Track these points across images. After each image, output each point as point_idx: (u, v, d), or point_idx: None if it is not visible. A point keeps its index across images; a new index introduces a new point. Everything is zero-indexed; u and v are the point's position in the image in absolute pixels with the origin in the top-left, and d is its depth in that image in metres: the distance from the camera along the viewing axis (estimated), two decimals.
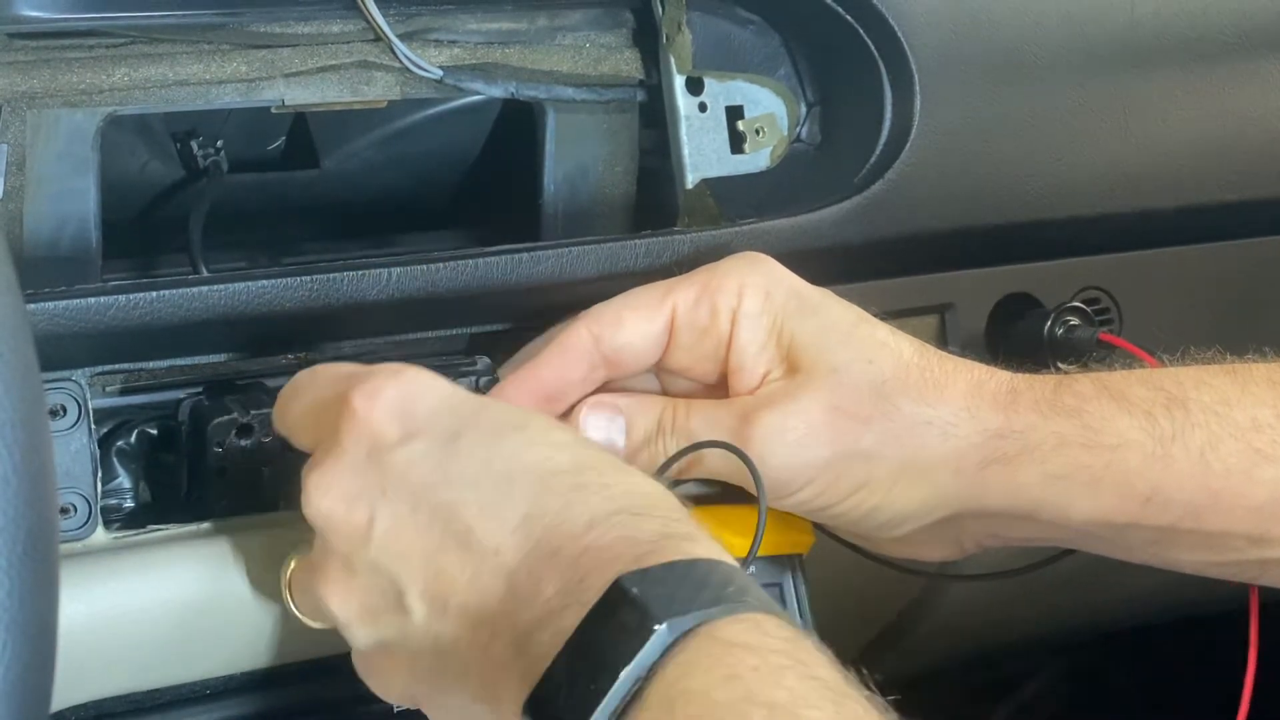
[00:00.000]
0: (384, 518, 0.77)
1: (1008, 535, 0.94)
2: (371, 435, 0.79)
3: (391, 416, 0.79)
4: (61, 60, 0.92)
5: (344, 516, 0.78)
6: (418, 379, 0.80)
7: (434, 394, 0.80)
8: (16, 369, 0.60)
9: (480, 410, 0.80)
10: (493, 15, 1.02)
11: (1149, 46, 1.14)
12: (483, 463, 0.77)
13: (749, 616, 0.70)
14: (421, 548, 0.77)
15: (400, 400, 0.79)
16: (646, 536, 0.73)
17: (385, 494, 0.78)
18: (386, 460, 0.78)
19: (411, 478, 0.77)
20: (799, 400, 0.89)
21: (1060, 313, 1.11)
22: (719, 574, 0.71)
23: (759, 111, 1.07)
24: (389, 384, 0.80)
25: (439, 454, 0.78)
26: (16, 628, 0.58)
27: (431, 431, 0.78)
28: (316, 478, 0.80)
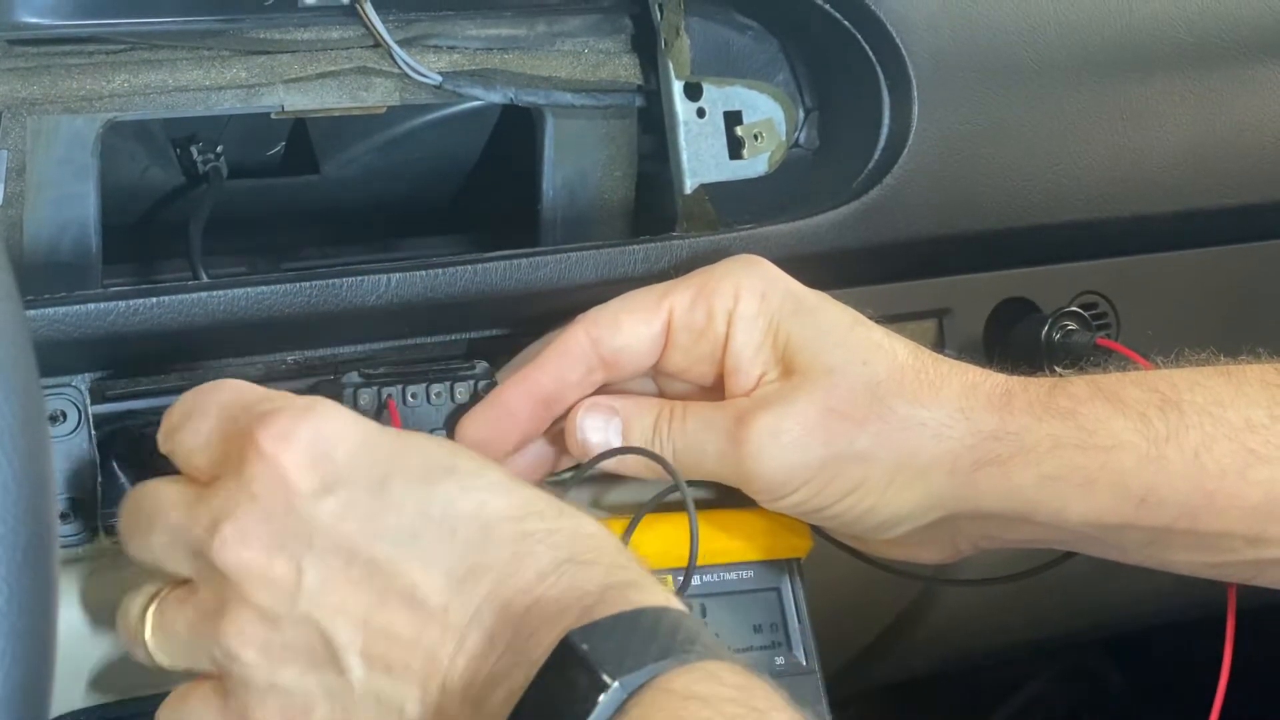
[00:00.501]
0: (313, 571, 0.74)
1: (1003, 537, 0.94)
2: (286, 483, 0.75)
3: (307, 463, 0.75)
4: (62, 66, 0.93)
5: (264, 568, 0.75)
6: (331, 419, 0.77)
7: (350, 437, 0.76)
8: (16, 375, 0.60)
9: (403, 452, 0.76)
10: (492, 21, 1.02)
11: (1146, 52, 1.14)
12: (418, 512, 0.75)
13: (700, 666, 0.69)
14: (359, 604, 0.74)
15: (314, 444, 0.76)
16: (593, 587, 0.72)
17: (312, 547, 0.74)
18: (309, 512, 0.75)
19: (341, 531, 0.74)
20: (794, 402, 0.89)
21: (1058, 318, 1.11)
22: (667, 622, 0.71)
23: (757, 117, 1.07)
24: (300, 425, 0.76)
25: (368, 504, 0.75)
26: (15, 635, 0.58)
27: (354, 479, 0.75)
28: (231, 527, 0.75)
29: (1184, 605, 1.27)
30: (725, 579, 0.94)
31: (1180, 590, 0.98)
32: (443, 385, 0.94)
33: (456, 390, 0.94)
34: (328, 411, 0.77)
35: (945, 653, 1.36)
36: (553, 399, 0.92)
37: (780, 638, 0.94)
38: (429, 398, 0.94)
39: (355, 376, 0.93)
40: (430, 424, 0.94)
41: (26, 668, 0.58)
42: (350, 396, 0.93)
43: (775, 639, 0.94)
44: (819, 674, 0.94)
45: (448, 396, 0.94)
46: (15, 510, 0.59)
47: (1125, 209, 1.14)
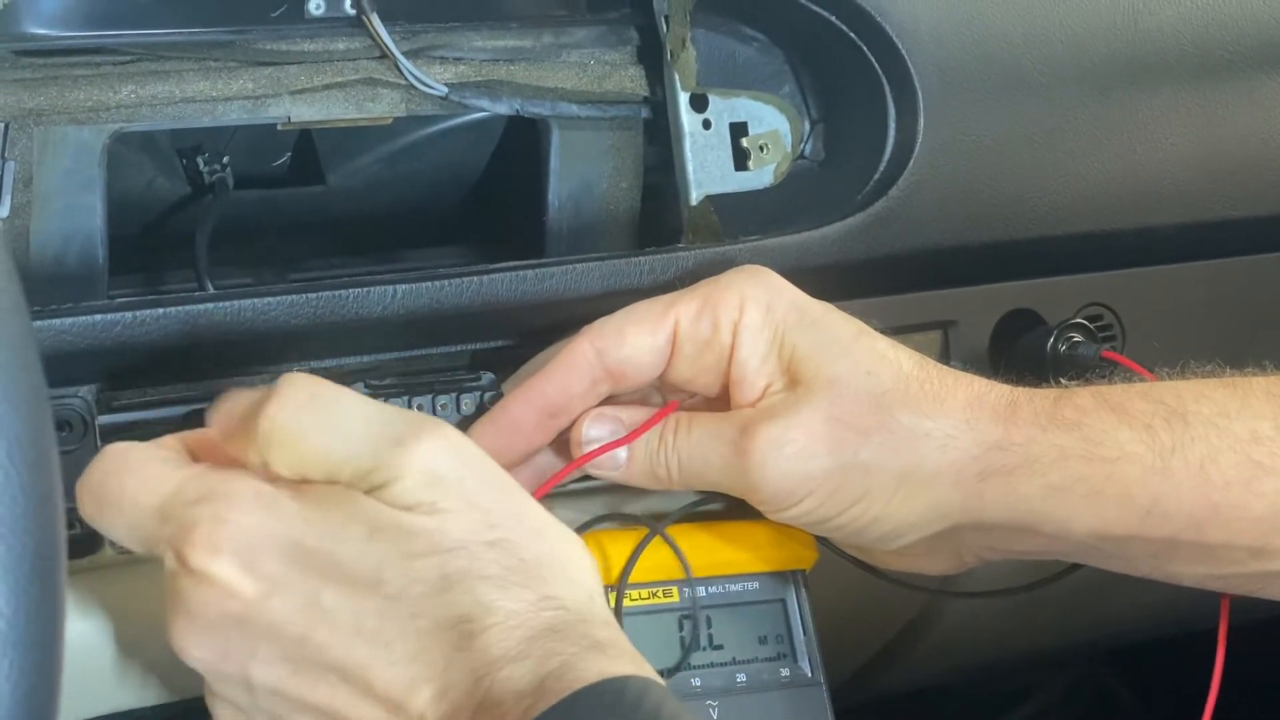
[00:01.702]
0: (262, 677, 0.76)
1: (1008, 548, 0.94)
2: (220, 594, 0.75)
3: (237, 572, 0.75)
4: (68, 77, 0.93)
5: (218, 669, 0.77)
6: (250, 517, 0.76)
7: (275, 544, 0.76)
8: (23, 386, 0.60)
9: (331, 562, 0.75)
10: (498, 32, 1.02)
11: (1152, 64, 1.14)
12: (352, 629, 0.74)
13: None
14: (315, 704, 0.75)
15: (241, 554, 0.75)
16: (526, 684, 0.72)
17: (256, 656, 0.76)
18: (246, 624, 0.75)
19: (281, 642, 0.75)
20: (799, 412, 0.89)
21: (1063, 329, 1.11)
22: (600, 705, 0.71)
23: (763, 128, 1.07)
24: (222, 535, 0.75)
25: (303, 619, 0.75)
26: (23, 645, 0.58)
27: (287, 589, 0.75)
28: (176, 633, 0.77)
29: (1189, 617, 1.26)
30: (730, 590, 0.94)
31: (1185, 602, 0.98)
32: (448, 396, 0.94)
33: (462, 401, 0.95)
34: (245, 510, 0.76)
35: (950, 664, 1.36)
36: (558, 410, 0.92)
37: (785, 649, 0.94)
38: (435, 409, 0.94)
39: (362, 388, 0.94)
40: None
41: (34, 678, 0.58)
42: None
43: (780, 650, 0.94)
44: (824, 685, 0.94)
45: (454, 408, 0.94)
46: (23, 521, 0.59)
47: (1131, 221, 1.14)
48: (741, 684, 0.93)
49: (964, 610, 1.20)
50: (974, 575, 0.99)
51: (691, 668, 0.92)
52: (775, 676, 0.93)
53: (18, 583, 0.58)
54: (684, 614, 0.93)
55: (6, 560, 0.58)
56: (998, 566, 0.97)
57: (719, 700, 0.92)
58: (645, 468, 0.92)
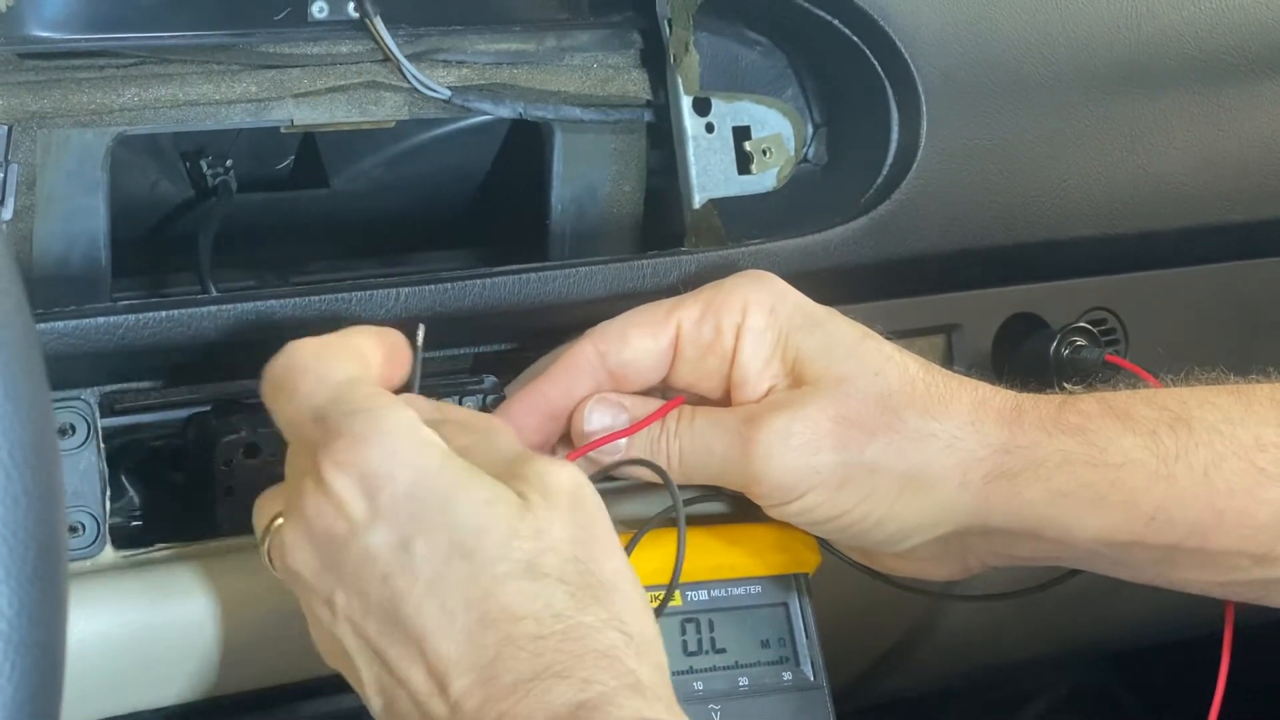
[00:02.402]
0: (344, 603, 0.78)
1: (1012, 554, 0.94)
2: (333, 510, 0.78)
3: (356, 494, 0.77)
4: (72, 80, 0.93)
5: (309, 585, 0.79)
6: (389, 451, 0.78)
7: (401, 477, 0.77)
8: (26, 389, 0.60)
9: (443, 509, 0.77)
10: (501, 36, 1.02)
11: (1155, 68, 1.14)
12: (428, 586, 0.76)
13: None
14: (378, 647, 0.77)
15: (366, 479, 0.77)
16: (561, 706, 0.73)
17: (342, 581, 0.78)
18: (345, 547, 0.78)
19: (364, 579, 0.77)
20: (805, 407, 0.89)
21: (1066, 333, 1.11)
22: None
23: (766, 132, 1.07)
24: (359, 454, 0.77)
25: (392, 559, 0.77)
26: (25, 648, 0.58)
27: (389, 525, 0.77)
28: (286, 537, 0.80)
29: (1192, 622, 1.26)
30: (733, 594, 0.94)
31: (1189, 607, 0.97)
32: (451, 399, 0.94)
33: (465, 404, 0.95)
34: (387, 441, 0.78)
35: (953, 668, 1.36)
36: (561, 413, 0.92)
37: (788, 653, 0.94)
38: None
39: None
40: None
41: (36, 680, 0.59)
42: None
43: (783, 654, 0.94)
44: (826, 689, 0.94)
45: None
46: (25, 523, 0.59)
47: (1134, 225, 1.14)
48: (744, 687, 0.93)
49: (967, 614, 1.20)
50: (976, 578, 0.99)
51: (694, 671, 0.92)
52: (777, 680, 0.93)
53: (20, 585, 0.58)
54: (686, 617, 0.93)
55: (9, 562, 0.58)
56: (1000, 570, 0.97)
57: (721, 704, 0.92)
58: (645, 456, 0.92)
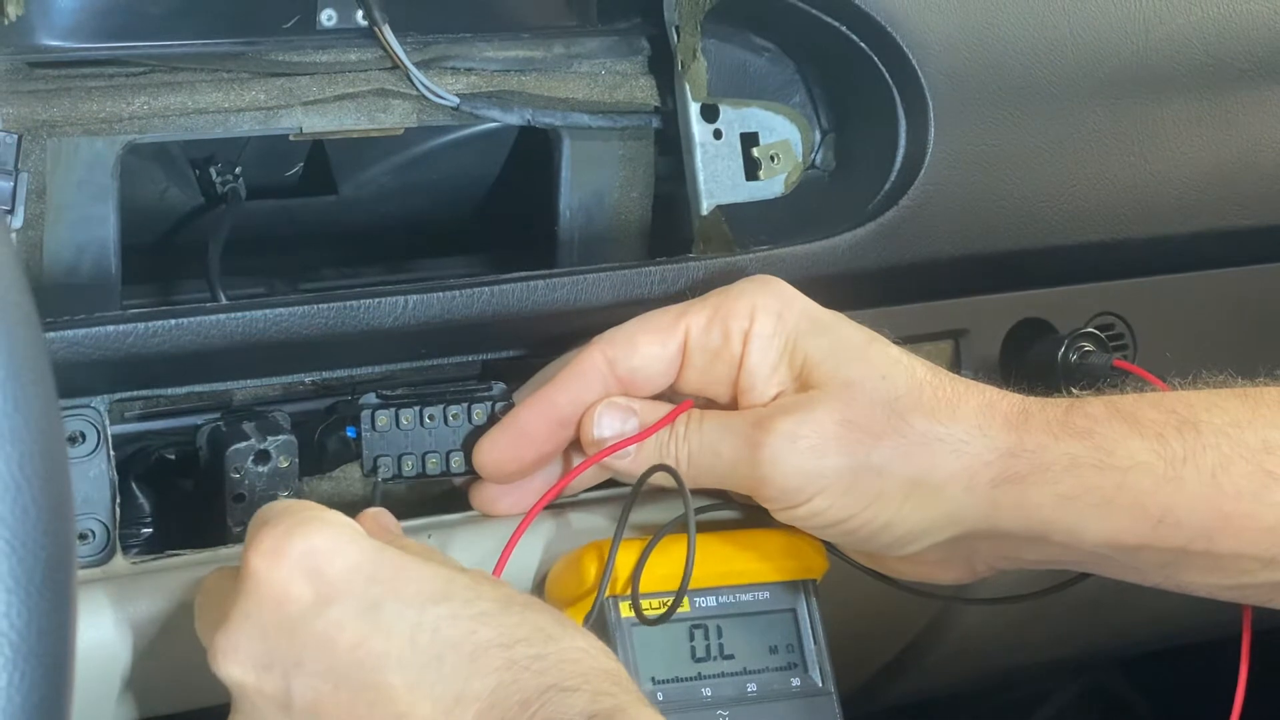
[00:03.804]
0: (302, 692, 0.75)
1: (1019, 557, 0.94)
2: (277, 597, 0.76)
3: (299, 576, 0.76)
4: (82, 89, 0.93)
5: (255, 686, 0.76)
6: (325, 534, 0.77)
7: (347, 553, 0.77)
8: (35, 398, 0.60)
9: (399, 575, 0.77)
10: (509, 43, 1.02)
11: (1163, 72, 1.14)
12: (408, 640, 0.75)
13: None
14: None
15: (305, 558, 0.76)
16: (576, 715, 0.72)
17: (301, 666, 0.76)
18: (300, 628, 0.76)
19: (330, 654, 0.75)
20: (813, 411, 0.89)
21: (1074, 338, 1.11)
22: None
23: (774, 138, 1.07)
24: (291, 540, 0.77)
25: (359, 626, 0.75)
26: (35, 657, 0.58)
27: (348, 597, 0.76)
28: (221, 640, 0.77)
29: (1202, 625, 1.26)
30: (741, 600, 0.94)
31: (1198, 610, 0.97)
32: (460, 406, 0.95)
33: (473, 411, 0.95)
34: (323, 526, 0.77)
35: (961, 674, 1.36)
36: (569, 420, 0.92)
37: (796, 659, 0.94)
38: (446, 419, 0.94)
39: (373, 398, 0.94)
40: (448, 445, 0.94)
41: (45, 689, 0.59)
42: (369, 418, 0.93)
43: (791, 660, 0.94)
44: (835, 695, 0.94)
45: (465, 418, 0.95)
46: (34, 532, 0.59)
47: (1142, 230, 1.14)
48: (752, 694, 0.93)
49: (975, 619, 1.19)
50: (984, 582, 0.99)
51: (702, 677, 0.92)
52: (786, 686, 0.93)
53: (29, 594, 0.58)
54: (694, 623, 0.93)
55: (18, 572, 0.58)
56: (1009, 575, 0.97)
57: (729, 710, 0.92)
58: (654, 459, 0.92)
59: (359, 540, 0.78)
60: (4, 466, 0.58)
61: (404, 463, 0.94)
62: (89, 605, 0.87)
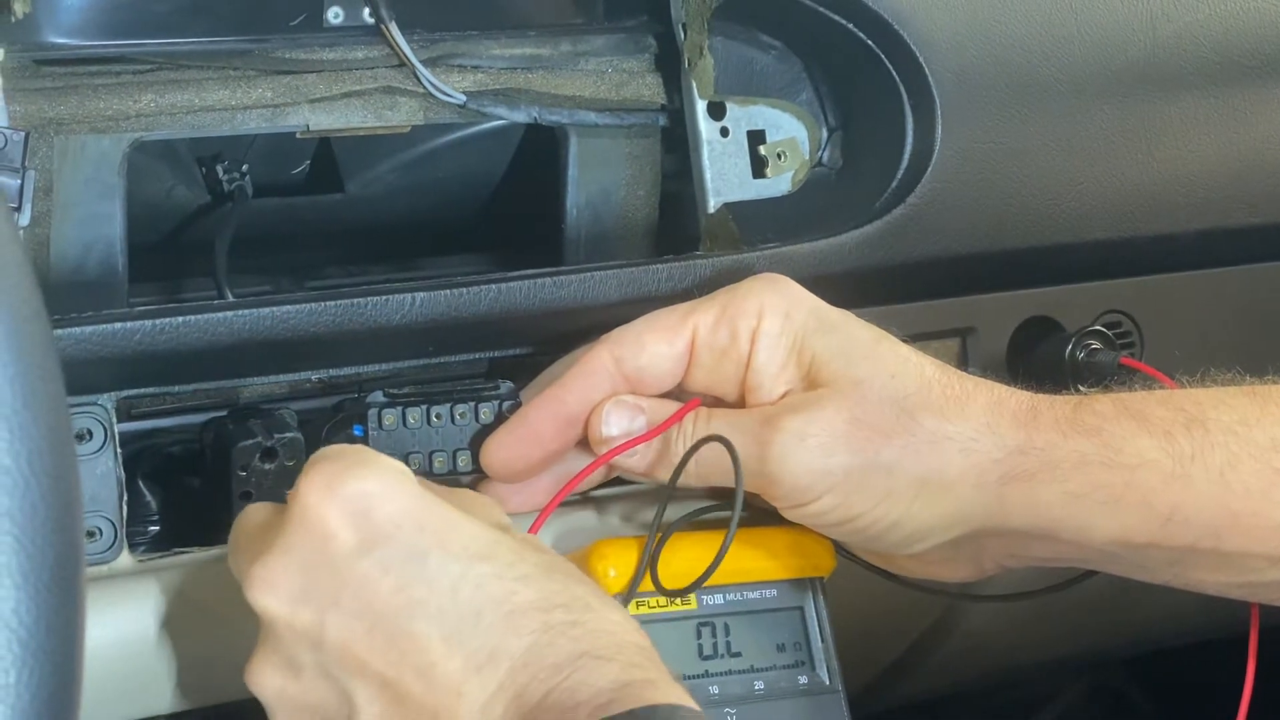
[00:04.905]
0: (336, 630, 0.76)
1: (1027, 555, 0.94)
2: (323, 533, 0.76)
3: (347, 517, 0.76)
4: (88, 87, 0.93)
5: (288, 619, 0.76)
6: (378, 478, 0.77)
7: (398, 498, 0.77)
8: (43, 395, 0.60)
9: (449, 528, 0.77)
10: (516, 41, 1.02)
11: (1171, 70, 1.14)
12: (449, 591, 0.75)
13: None
14: (379, 670, 0.75)
15: (359, 499, 0.76)
16: (607, 684, 0.72)
17: (338, 604, 0.76)
18: (342, 568, 0.76)
19: (370, 594, 0.75)
20: (821, 409, 0.89)
21: (1082, 336, 1.11)
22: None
23: (780, 136, 1.07)
24: (345, 478, 0.77)
25: (402, 572, 0.75)
26: (44, 654, 0.58)
27: (394, 545, 0.76)
28: (260, 569, 0.77)
29: (1209, 623, 1.26)
30: (749, 598, 0.94)
31: (1205, 608, 0.97)
32: (467, 405, 0.94)
33: (481, 410, 0.95)
34: (377, 470, 0.77)
35: (968, 672, 1.36)
36: (577, 419, 0.92)
37: (804, 657, 0.94)
38: (453, 418, 0.94)
39: (380, 396, 0.94)
40: (455, 444, 0.94)
41: (54, 686, 0.59)
42: (375, 416, 0.93)
43: (799, 658, 0.94)
44: (842, 693, 0.94)
45: (472, 416, 0.94)
46: (43, 529, 0.59)
47: (1150, 228, 1.14)
48: (759, 691, 0.93)
49: (982, 617, 1.19)
50: (991, 580, 0.98)
51: (710, 675, 0.92)
52: (793, 684, 0.93)
53: (38, 591, 0.58)
54: (701, 621, 0.93)
55: (26, 568, 0.58)
56: (1017, 572, 0.97)
57: (737, 708, 0.92)
58: (663, 455, 0.92)
59: (411, 488, 0.78)
60: (12, 463, 0.58)
61: (411, 461, 0.94)
62: (96, 602, 0.86)
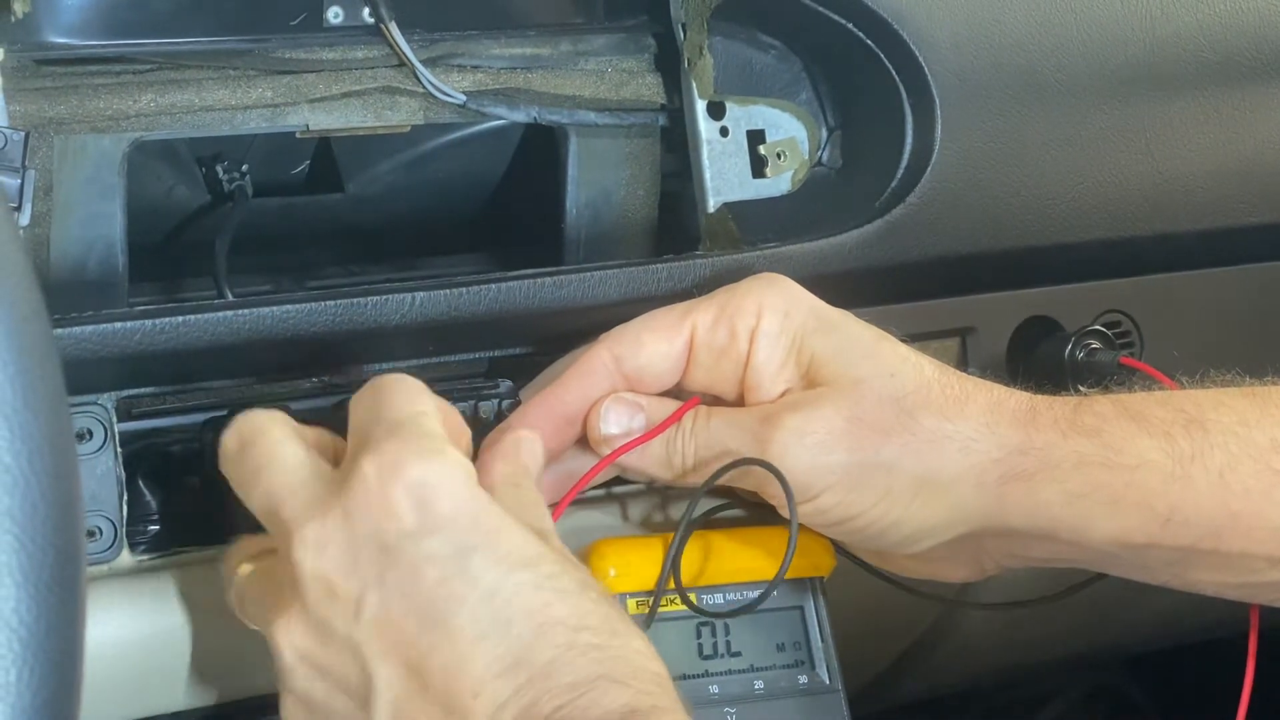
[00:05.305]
0: (374, 604, 0.76)
1: (1027, 555, 0.94)
2: (384, 512, 0.77)
3: (410, 501, 0.77)
4: (88, 86, 0.93)
5: (332, 585, 0.77)
6: (444, 470, 0.78)
7: (459, 493, 0.78)
8: (44, 394, 0.60)
9: (499, 531, 0.78)
10: (516, 40, 1.02)
11: (1170, 70, 1.14)
12: (487, 594, 0.76)
13: None
14: (406, 656, 0.76)
15: (422, 487, 0.77)
16: (618, 707, 0.73)
17: (384, 582, 0.76)
18: (395, 548, 0.76)
19: (414, 581, 0.76)
20: (821, 407, 0.89)
21: (1081, 336, 1.11)
22: None
23: (780, 136, 1.07)
24: (411, 464, 0.77)
25: (448, 565, 0.76)
26: (44, 653, 0.58)
27: (448, 535, 0.77)
28: (316, 529, 0.77)
29: (1208, 625, 1.27)
30: (749, 597, 0.94)
31: (1204, 610, 0.97)
32: (467, 404, 0.94)
33: (480, 409, 0.95)
34: (443, 463, 0.78)
35: (968, 672, 1.36)
36: (576, 417, 0.92)
37: (803, 656, 0.94)
38: None
39: None
40: None
41: (55, 685, 0.59)
42: None
43: (798, 658, 0.94)
44: (842, 693, 0.94)
45: (472, 415, 0.95)
46: (43, 529, 0.59)
47: (1149, 227, 1.14)
48: (759, 691, 0.93)
49: (982, 618, 1.19)
50: (991, 585, 0.99)
51: (710, 675, 0.92)
52: (793, 684, 0.93)
53: (38, 590, 0.58)
54: (702, 621, 0.93)
55: (27, 567, 0.58)
56: (1017, 574, 0.97)
57: (737, 707, 0.92)
58: (660, 455, 0.92)
59: (471, 486, 0.78)
60: (13, 462, 0.58)
61: None
62: (96, 602, 0.86)
